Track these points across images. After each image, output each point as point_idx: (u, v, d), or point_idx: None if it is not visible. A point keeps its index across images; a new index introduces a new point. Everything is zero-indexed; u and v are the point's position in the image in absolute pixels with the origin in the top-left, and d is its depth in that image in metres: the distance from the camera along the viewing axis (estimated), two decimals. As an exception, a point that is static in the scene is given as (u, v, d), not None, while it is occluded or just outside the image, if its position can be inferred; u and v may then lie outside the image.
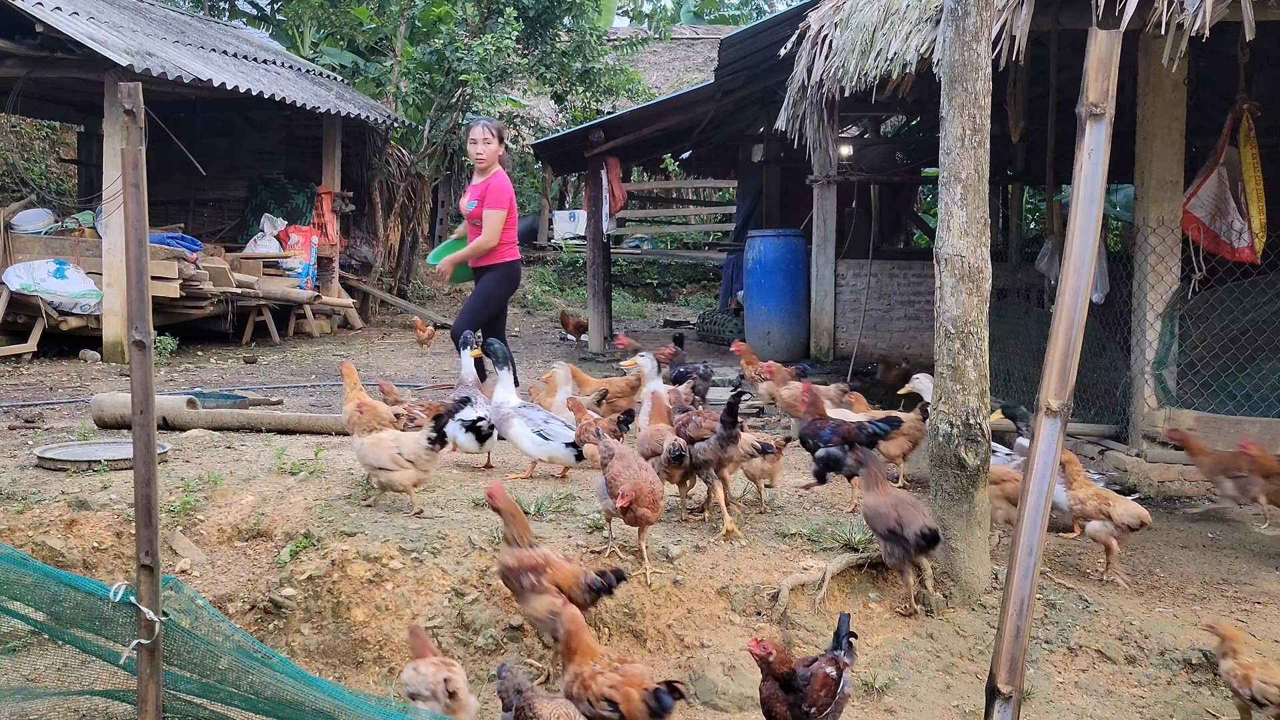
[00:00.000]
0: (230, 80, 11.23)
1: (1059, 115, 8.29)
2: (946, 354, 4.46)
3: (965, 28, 4.38)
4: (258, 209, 13.91)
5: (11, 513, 4.80)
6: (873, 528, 4.37)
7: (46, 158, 18.22)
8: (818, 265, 10.30)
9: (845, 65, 7.45)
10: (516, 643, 4.10)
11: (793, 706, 3.23)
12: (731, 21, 25.63)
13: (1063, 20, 6.37)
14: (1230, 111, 6.65)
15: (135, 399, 3.13)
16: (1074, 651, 4.27)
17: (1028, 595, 2.65)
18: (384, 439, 4.78)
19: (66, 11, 10.08)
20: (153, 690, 3.14)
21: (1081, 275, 2.62)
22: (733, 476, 4.98)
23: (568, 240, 20.56)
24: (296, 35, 17.71)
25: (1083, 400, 7.15)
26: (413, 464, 4.66)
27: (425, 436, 4.66)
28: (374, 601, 4.19)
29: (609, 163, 12.34)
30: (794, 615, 4.23)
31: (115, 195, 9.68)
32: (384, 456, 4.67)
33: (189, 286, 10.73)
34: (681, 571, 4.34)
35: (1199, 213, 6.58)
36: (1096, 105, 2.60)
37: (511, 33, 14.15)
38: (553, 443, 5.27)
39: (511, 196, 6.90)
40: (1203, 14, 5.08)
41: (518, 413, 5.41)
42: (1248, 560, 5.27)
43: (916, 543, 4.18)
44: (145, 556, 3.11)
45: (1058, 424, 2.64)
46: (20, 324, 10.20)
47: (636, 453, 4.47)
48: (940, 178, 4.48)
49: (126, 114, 3.03)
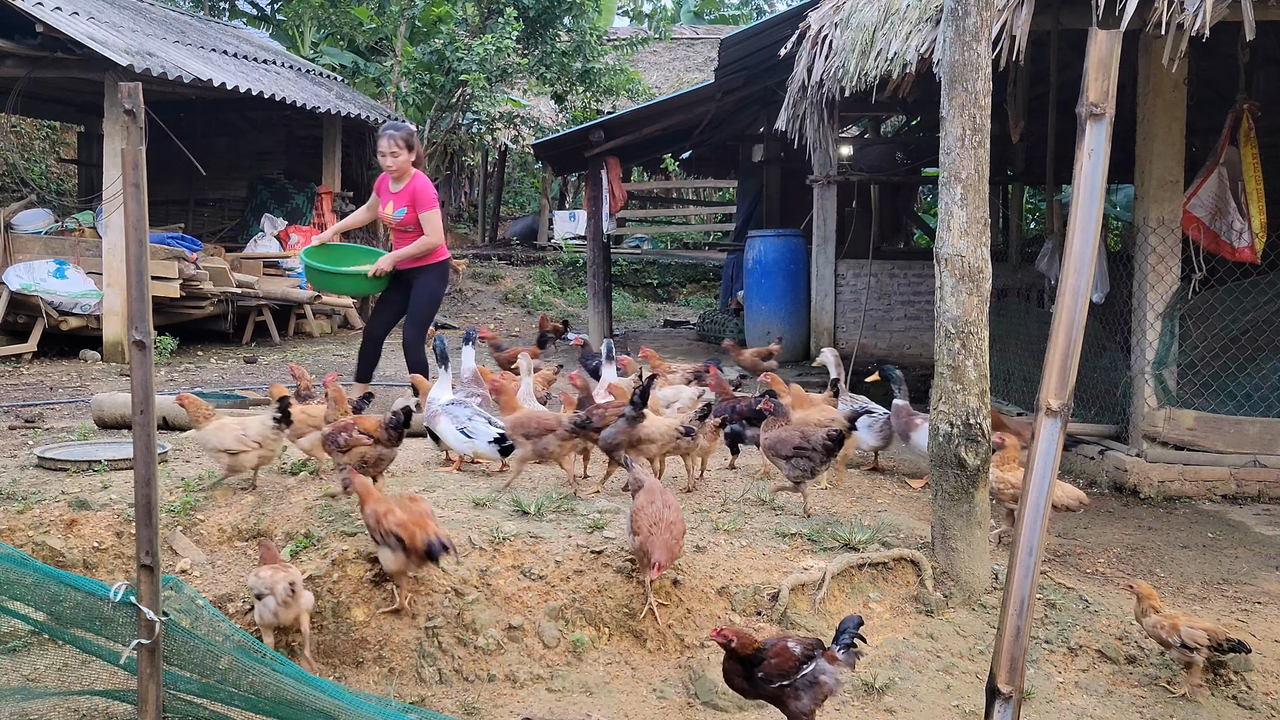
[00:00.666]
0: (230, 80, 11.23)
1: (1059, 115, 8.29)
2: (946, 354, 4.46)
3: (965, 28, 4.38)
4: (258, 209, 13.92)
5: (12, 513, 4.80)
6: (777, 454, 4.87)
7: (46, 158, 18.24)
8: (818, 265, 10.30)
9: (845, 65, 7.45)
10: (517, 642, 4.10)
11: (748, 676, 3.43)
12: (731, 21, 25.65)
13: (1063, 20, 6.38)
14: (1230, 111, 6.65)
15: (135, 399, 3.13)
16: (1074, 651, 4.27)
17: (1028, 595, 2.65)
18: (227, 424, 4.99)
19: (66, 11, 10.08)
20: (153, 690, 3.14)
21: (1081, 275, 2.62)
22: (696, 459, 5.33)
23: (568, 240, 20.56)
24: (296, 35, 17.73)
25: (1083, 400, 7.15)
26: (259, 445, 4.91)
27: (271, 417, 4.90)
28: (374, 601, 4.19)
29: (609, 163, 12.34)
30: (794, 615, 4.23)
31: (115, 195, 9.68)
32: (229, 439, 4.89)
33: (189, 286, 10.73)
34: (681, 571, 4.34)
35: (1199, 213, 6.58)
36: (1096, 105, 2.60)
37: (511, 33, 14.16)
38: (475, 440, 5.34)
39: (433, 192, 6.91)
40: (1203, 14, 5.08)
41: (444, 410, 5.53)
42: (1248, 560, 5.27)
43: (824, 446, 4.71)
44: (145, 556, 3.11)
45: (1058, 424, 2.64)
46: (20, 324, 10.20)
47: (663, 487, 4.32)
48: (940, 178, 4.48)
49: (126, 114, 3.03)
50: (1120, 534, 5.65)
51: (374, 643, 4.10)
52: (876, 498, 5.48)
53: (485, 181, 23.82)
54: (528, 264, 19.35)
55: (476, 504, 4.83)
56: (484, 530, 4.48)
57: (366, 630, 4.13)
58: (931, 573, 4.52)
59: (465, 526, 4.53)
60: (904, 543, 4.72)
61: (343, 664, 4.09)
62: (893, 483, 5.87)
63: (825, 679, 3.44)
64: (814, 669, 3.42)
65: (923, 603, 4.43)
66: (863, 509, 5.18)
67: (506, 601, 4.20)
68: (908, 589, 4.51)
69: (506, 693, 3.91)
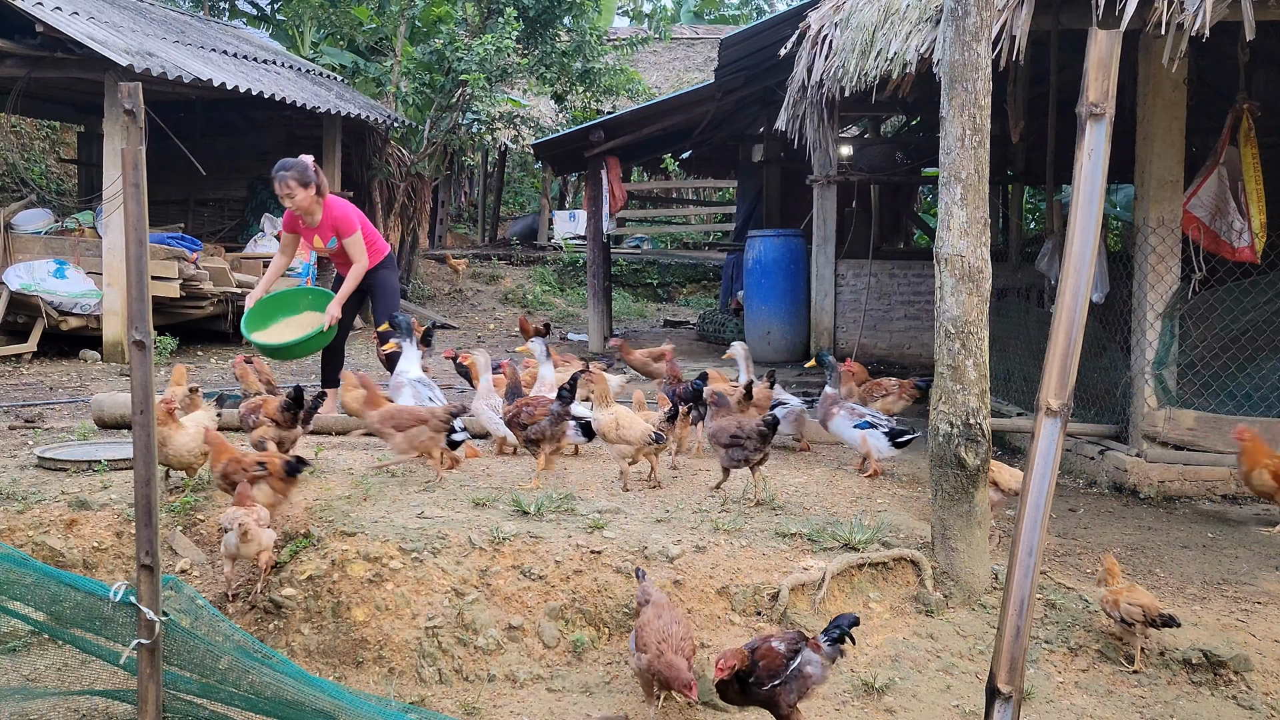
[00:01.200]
0: (230, 80, 11.23)
1: (1059, 115, 8.28)
2: (946, 354, 4.46)
3: (965, 28, 4.38)
4: (258, 209, 13.91)
5: (11, 513, 4.80)
6: (717, 441, 5.15)
7: (46, 158, 18.24)
8: (818, 265, 10.30)
9: (845, 65, 7.45)
10: (517, 642, 4.10)
11: (743, 688, 3.48)
12: (731, 21, 25.67)
13: (1063, 20, 6.38)
14: (1230, 111, 6.64)
15: (135, 399, 3.13)
16: (1074, 651, 4.27)
17: (1028, 595, 2.65)
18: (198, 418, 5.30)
19: (66, 11, 10.09)
20: (153, 690, 3.14)
21: (1081, 275, 2.62)
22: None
23: (568, 240, 20.57)
24: (296, 35, 17.73)
25: (1083, 400, 7.15)
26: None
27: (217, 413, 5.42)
28: (374, 601, 4.19)
29: (609, 163, 12.35)
30: (794, 615, 4.23)
31: (115, 195, 9.68)
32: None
33: (189, 286, 10.73)
34: (682, 571, 4.34)
35: (1199, 213, 6.58)
36: (1096, 105, 2.60)
37: (511, 33, 14.15)
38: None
39: (351, 211, 6.87)
40: (1203, 14, 5.08)
41: (410, 383, 5.79)
42: (1248, 560, 5.27)
43: (756, 433, 4.98)
44: (145, 556, 3.11)
45: (1058, 424, 2.64)
46: (20, 324, 10.21)
47: (670, 604, 3.99)
48: (940, 178, 4.48)
49: (126, 114, 3.03)
50: (1120, 534, 5.64)
51: (374, 643, 4.10)
52: (876, 498, 5.48)
53: (485, 181, 23.84)
54: (528, 264, 19.35)
55: (476, 504, 4.84)
56: (484, 530, 4.48)
57: (366, 630, 4.13)
58: (931, 573, 4.52)
59: (465, 526, 4.53)
60: (904, 543, 4.72)
61: (343, 664, 4.09)
62: (893, 483, 5.87)
63: (811, 669, 3.49)
64: (800, 661, 3.48)
65: (923, 603, 4.43)
66: (863, 509, 5.18)
67: (506, 601, 4.20)
68: (908, 589, 4.51)
69: (506, 693, 3.91)
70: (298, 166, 6.62)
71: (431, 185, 16.10)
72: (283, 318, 6.90)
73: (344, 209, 6.78)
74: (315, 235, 6.79)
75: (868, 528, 4.72)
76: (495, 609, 4.19)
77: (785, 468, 6.01)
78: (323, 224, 6.73)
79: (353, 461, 5.60)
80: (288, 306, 7.01)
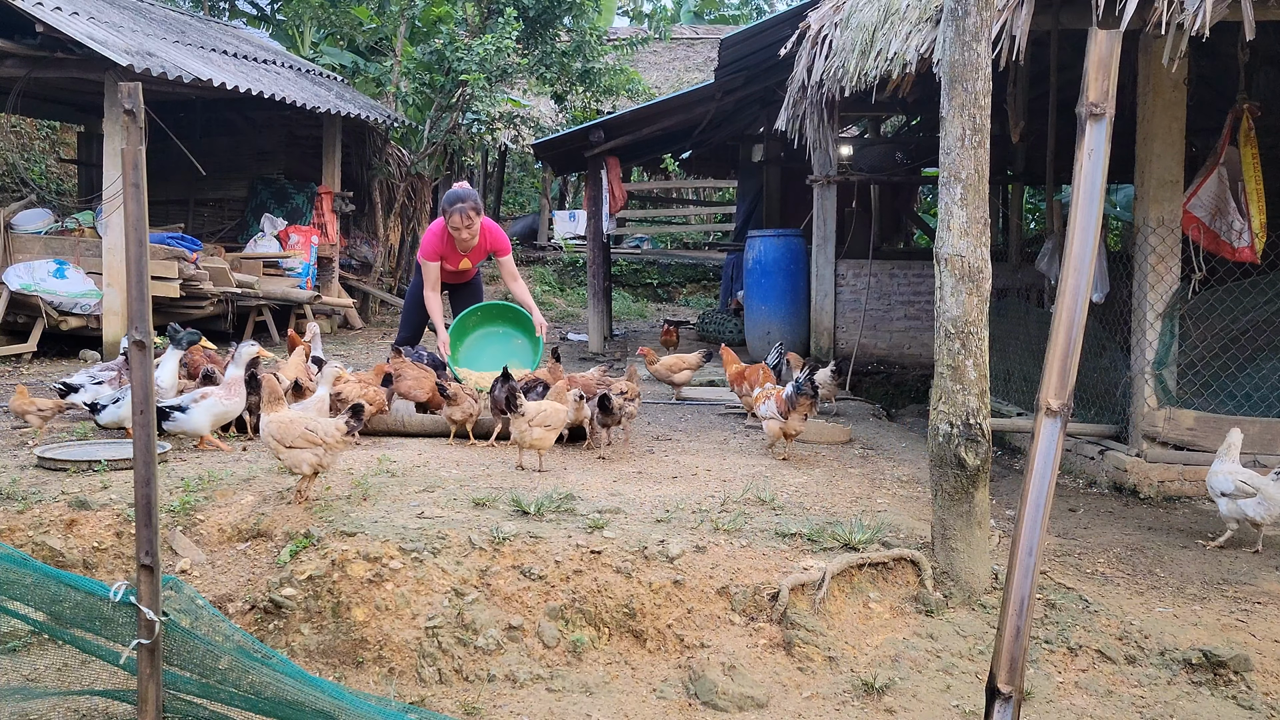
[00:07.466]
0: (230, 80, 11.23)
1: (1059, 115, 8.28)
2: (946, 354, 4.46)
3: (965, 28, 4.38)
4: (258, 209, 13.91)
5: (11, 513, 4.80)
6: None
7: (46, 158, 18.24)
8: (818, 265, 10.30)
9: (845, 65, 7.45)
10: (516, 642, 4.10)
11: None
12: (731, 21, 25.68)
13: (1063, 20, 6.37)
14: (1230, 111, 6.64)
15: (135, 399, 3.13)
16: (1074, 651, 4.27)
17: (1028, 595, 2.65)
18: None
19: (66, 11, 10.08)
20: (153, 690, 3.14)
21: (1081, 275, 2.62)
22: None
23: (568, 240, 20.57)
24: (296, 35, 17.73)
25: (1083, 400, 7.15)
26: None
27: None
28: (374, 601, 4.19)
29: (609, 163, 12.35)
30: (794, 615, 4.23)
31: (115, 195, 9.68)
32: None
33: (189, 286, 10.73)
34: (681, 571, 4.34)
35: (1199, 213, 6.58)
36: (1096, 105, 2.60)
37: (511, 33, 14.15)
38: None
39: (502, 231, 7.27)
40: (1203, 14, 5.08)
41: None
42: (1248, 560, 5.27)
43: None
44: (145, 556, 3.11)
45: (1058, 424, 2.64)
46: (20, 324, 10.20)
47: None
48: (940, 178, 4.48)
49: (126, 114, 3.03)
50: (1120, 534, 5.65)
51: (374, 643, 4.10)
52: (876, 498, 5.49)
53: (485, 181, 23.83)
54: (528, 264, 19.35)
55: (476, 504, 4.84)
56: (484, 530, 4.48)
57: (366, 630, 4.13)
58: (931, 573, 4.52)
59: (465, 526, 4.53)
60: (904, 543, 4.72)
61: (343, 664, 4.09)
62: (893, 482, 5.87)
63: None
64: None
65: (923, 603, 4.43)
66: (863, 509, 5.18)
67: (506, 601, 4.20)
68: (908, 589, 4.51)
69: (506, 693, 3.91)
70: (472, 196, 6.75)
71: (431, 185, 16.09)
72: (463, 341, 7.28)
73: (496, 230, 6.88)
74: (464, 259, 6.81)
75: (868, 528, 4.72)
76: (495, 609, 4.19)
77: (785, 468, 6.01)
78: (477, 247, 6.77)
79: (353, 461, 5.60)
80: (460, 332, 7.35)
